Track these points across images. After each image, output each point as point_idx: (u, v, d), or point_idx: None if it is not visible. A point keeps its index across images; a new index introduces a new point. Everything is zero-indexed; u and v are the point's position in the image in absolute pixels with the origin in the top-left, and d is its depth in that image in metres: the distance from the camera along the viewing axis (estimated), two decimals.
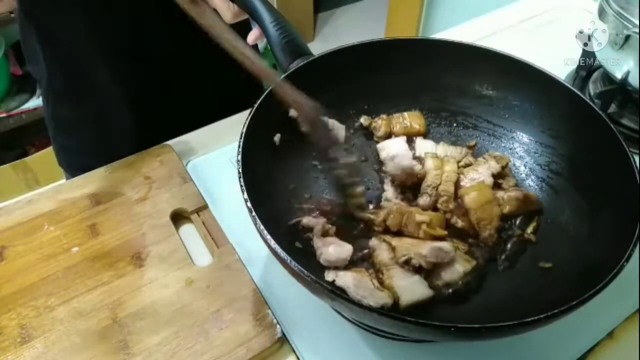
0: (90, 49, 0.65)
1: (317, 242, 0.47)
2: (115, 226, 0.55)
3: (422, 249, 0.46)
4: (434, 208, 0.52)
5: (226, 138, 0.66)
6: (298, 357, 0.46)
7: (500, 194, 0.52)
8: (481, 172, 0.53)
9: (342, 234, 0.49)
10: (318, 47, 0.91)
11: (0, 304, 0.49)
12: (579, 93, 0.51)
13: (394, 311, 0.43)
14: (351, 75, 0.57)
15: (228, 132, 0.66)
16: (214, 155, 0.64)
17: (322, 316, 0.48)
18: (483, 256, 0.49)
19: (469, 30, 0.86)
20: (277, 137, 0.52)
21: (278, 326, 0.47)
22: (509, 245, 0.50)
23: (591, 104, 0.50)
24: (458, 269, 0.46)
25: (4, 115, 1.55)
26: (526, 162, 0.56)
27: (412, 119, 0.59)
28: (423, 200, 0.52)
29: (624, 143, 0.45)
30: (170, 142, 0.65)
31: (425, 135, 0.59)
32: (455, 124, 0.60)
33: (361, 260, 0.48)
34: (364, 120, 0.59)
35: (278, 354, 0.47)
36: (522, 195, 0.51)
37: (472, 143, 0.59)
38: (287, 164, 0.53)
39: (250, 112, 0.47)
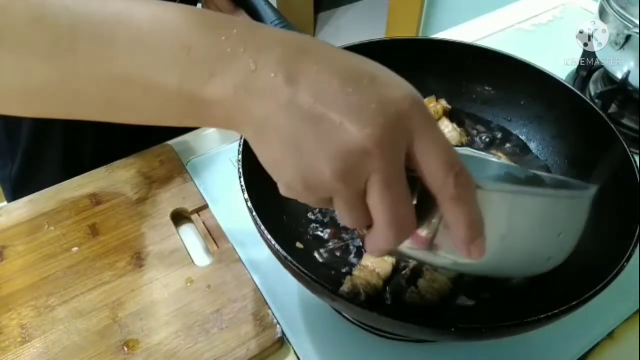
0: None
1: None
2: (115, 226, 0.55)
3: None
4: None
5: (226, 138, 0.66)
6: (298, 357, 0.46)
7: None
8: None
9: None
10: None
11: (0, 304, 0.49)
12: (579, 93, 0.51)
13: (394, 311, 0.43)
14: None
15: (228, 132, 0.66)
16: (214, 155, 0.64)
17: (322, 316, 0.48)
18: None
19: (469, 30, 0.86)
20: None
21: (278, 326, 0.47)
22: None
23: (591, 104, 0.50)
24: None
25: None
26: (525, 162, 0.56)
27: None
28: None
29: (624, 143, 0.46)
30: (170, 142, 0.65)
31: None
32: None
33: None
34: None
35: (278, 354, 0.47)
36: None
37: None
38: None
39: None
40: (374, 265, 0.47)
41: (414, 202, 0.26)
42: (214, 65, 0.24)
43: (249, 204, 0.40)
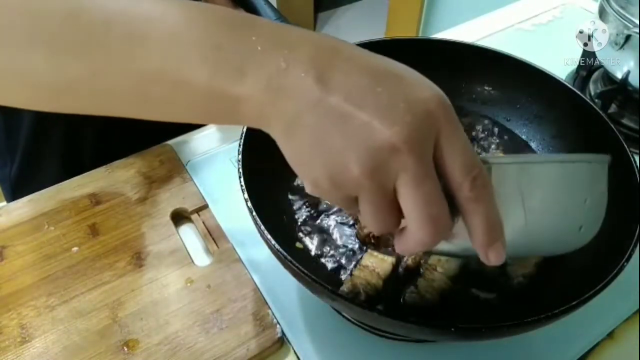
0: None
1: None
2: (115, 226, 0.55)
3: None
4: None
5: (226, 138, 0.66)
6: (298, 357, 0.46)
7: None
8: None
9: None
10: None
11: (0, 304, 0.49)
12: (579, 93, 0.51)
13: (394, 311, 0.43)
14: None
15: (228, 132, 0.66)
16: (214, 155, 0.64)
17: (322, 316, 0.48)
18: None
19: (469, 30, 0.86)
20: None
21: (278, 326, 0.47)
22: None
23: (591, 103, 0.51)
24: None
25: None
26: None
27: None
28: None
29: (624, 143, 0.46)
30: (170, 142, 0.65)
31: None
32: None
33: None
34: None
35: (278, 354, 0.47)
36: None
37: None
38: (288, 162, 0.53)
39: None
40: (374, 265, 0.47)
41: None
42: (245, 64, 0.25)
43: (249, 204, 0.40)
